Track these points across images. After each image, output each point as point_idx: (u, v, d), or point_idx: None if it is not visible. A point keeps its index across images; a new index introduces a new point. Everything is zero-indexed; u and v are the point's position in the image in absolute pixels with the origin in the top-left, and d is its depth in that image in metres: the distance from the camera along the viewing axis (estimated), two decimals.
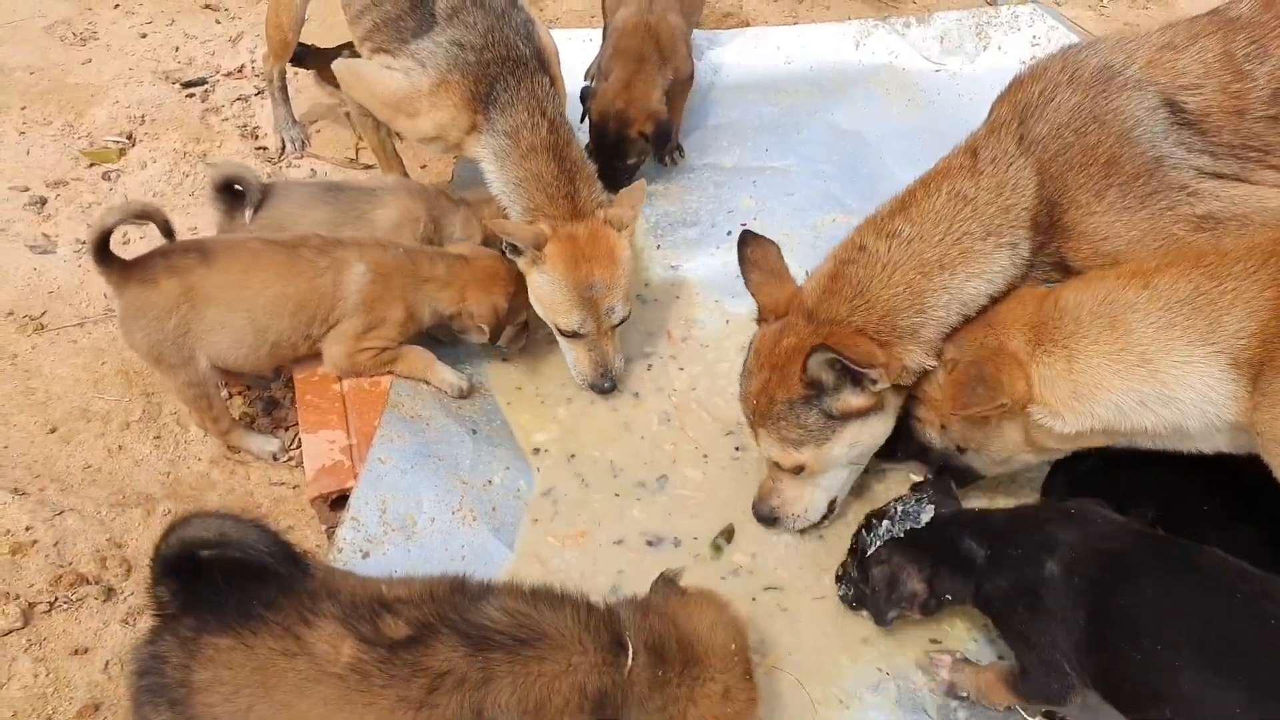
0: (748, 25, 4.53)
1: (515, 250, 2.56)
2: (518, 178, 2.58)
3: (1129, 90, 2.04)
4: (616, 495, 2.58)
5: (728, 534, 2.47)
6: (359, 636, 1.57)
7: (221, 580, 1.63)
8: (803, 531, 2.43)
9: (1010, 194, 2.08)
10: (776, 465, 2.29)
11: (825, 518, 2.41)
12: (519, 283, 2.65)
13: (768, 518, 2.38)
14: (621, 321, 2.66)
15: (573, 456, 2.67)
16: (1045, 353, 1.97)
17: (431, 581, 1.73)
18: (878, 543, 2.10)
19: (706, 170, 3.65)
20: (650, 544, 2.46)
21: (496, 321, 2.60)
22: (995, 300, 2.15)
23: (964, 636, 2.25)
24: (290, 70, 3.92)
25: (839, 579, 2.23)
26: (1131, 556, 1.84)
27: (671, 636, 1.72)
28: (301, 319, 2.47)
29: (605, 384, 2.67)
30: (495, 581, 1.79)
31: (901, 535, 2.08)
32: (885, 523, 2.13)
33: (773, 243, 2.41)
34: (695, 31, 4.14)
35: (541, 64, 2.65)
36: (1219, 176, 2.04)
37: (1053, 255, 2.14)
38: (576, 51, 3.87)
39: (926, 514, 2.09)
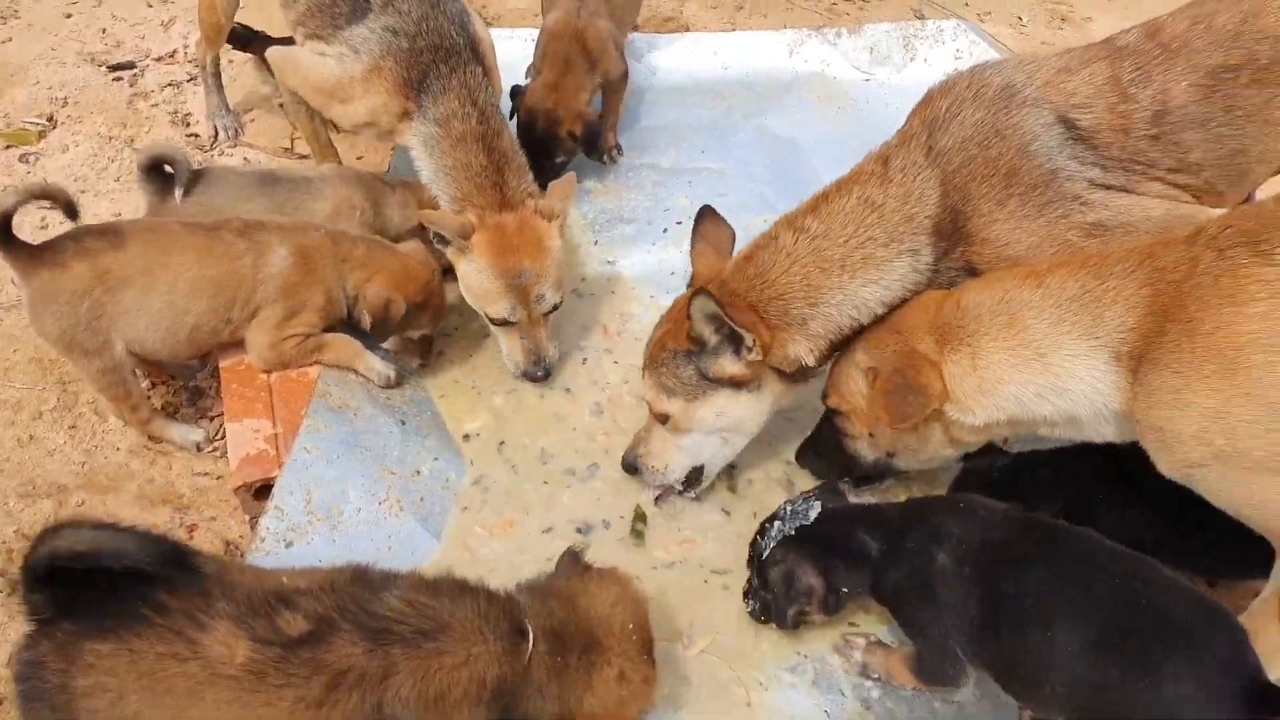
0: (687, 30, 4.55)
1: (442, 240, 2.52)
2: (447, 166, 2.54)
3: (1028, 107, 2.13)
4: (545, 483, 2.56)
5: (640, 516, 2.47)
6: (254, 636, 1.51)
7: (104, 583, 1.54)
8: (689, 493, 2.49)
9: (915, 203, 2.16)
10: (650, 411, 2.38)
11: (689, 488, 2.47)
12: (429, 296, 2.59)
13: (630, 465, 2.47)
14: (553, 309, 2.63)
15: (502, 444, 2.65)
16: (952, 351, 2.03)
17: (333, 572, 1.68)
18: (771, 545, 2.13)
19: (645, 170, 3.66)
20: (580, 531, 2.44)
21: (384, 317, 2.50)
22: (891, 308, 2.22)
23: (878, 620, 2.29)
24: (225, 59, 3.82)
25: (745, 595, 2.25)
26: (1015, 546, 1.91)
27: (570, 620, 1.72)
28: (221, 302, 2.40)
29: (538, 372, 2.64)
30: (398, 571, 1.75)
31: (792, 533, 2.11)
32: (776, 524, 2.16)
33: (729, 227, 2.50)
34: (634, 35, 4.16)
35: (475, 54, 2.62)
36: (1108, 188, 2.15)
37: (959, 260, 2.21)
38: (517, 50, 3.84)
39: (814, 510, 2.12)
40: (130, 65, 4.04)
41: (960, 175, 2.14)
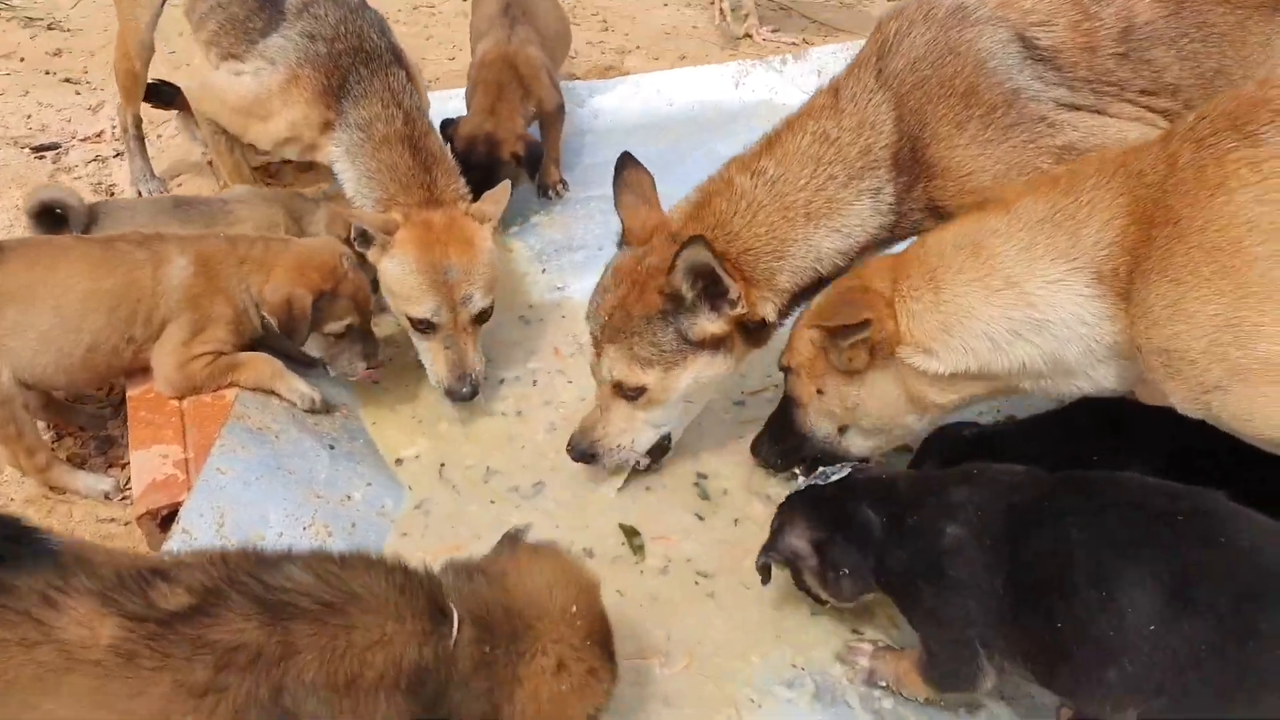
0: None
1: (365, 239, 2.44)
2: (370, 169, 2.51)
3: (982, 25, 2.12)
4: (492, 503, 2.43)
5: (631, 532, 2.34)
6: (122, 612, 1.33)
7: None
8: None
9: (870, 132, 2.12)
10: (618, 387, 2.25)
11: (656, 459, 2.41)
12: (338, 282, 2.42)
13: (586, 453, 2.34)
14: (482, 317, 2.54)
15: (443, 466, 2.52)
16: (912, 288, 1.94)
17: (223, 549, 1.52)
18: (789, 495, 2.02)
19: (592, 201, 3.65)
20: None
21: (289, 315, 2.35)
22: (851, 257, 2.18)
23: (886, 625, 2.13)
24: (154, 132, 3.86)
25: None
26: (1048, 500, 1.73)
27: (499, 603, 1.54)
28: (119, 317, 2.29)
29: (464, 388, 2.51)
30: (299, 550, 1.58)
31: (803, 488, 1.99)
32: (801, 479, 2.07)
33: (649, 172, 2.44)
34: (575, 83, 4.27)
35: (397, 58, 2.64)
36: (1077, 108, 2.11)
37: (920, 198, 2.16)
38: (456, 110, 3.90)
39: (839, 474, 1.97)
40: (54, 146, 4.06)
41: (915, 97, 2.10)
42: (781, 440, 2.30)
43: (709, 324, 2.14)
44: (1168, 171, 1.69)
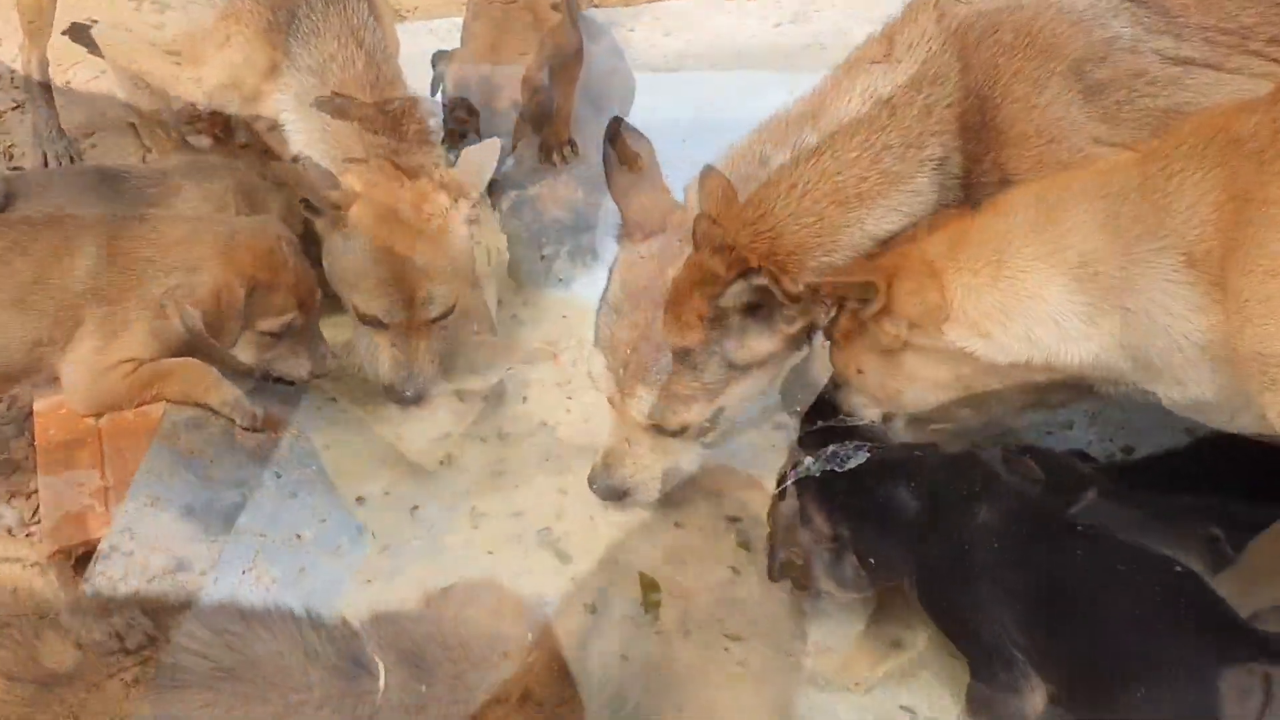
0: None
1: (311, 208, 2.63)
2: (324, 123, 2.70)
3: None
4: (490, 553, 2.61)
5: (651, 586, 2.51)
6: (6, 672, 1.58)
7: None
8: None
9: (931, 87, 2.24)
10: (654, 428, 2.42)
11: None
12: (277, 271, 2.61)
13: (617, 492, 2.51)
14: (442, 317, 2.74)
15: (416, 509, 2.72)
16: (971, 258, 2.08)
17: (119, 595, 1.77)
18: (789, 480, 2.22)
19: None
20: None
21: (217, 310, 2.54)
22: None
23: (949, 705, 2.28)
24: (63, 77, 4.11)
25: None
26: (1091, 505, 2.03)
27: (433, 641, 1.76)
28: (26, 315, 2.52)
29: (407, 390, 2.74)
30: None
31: (816, 474, 2.18)
32: (807, 459, 2.23)
33: (646, 139, 2.56)
34: (592, 11, 4.46)
35: None
36: (1186, 62, 2.19)
37: (992, 170, 2.28)
38: (441, 42, 4.12)
39: (857, 459, 2.16)
40: None
41: (984, 48, 2.21)
42: (821, 417, 2.45)
43: (762, 343, 2.30)
44: (1270, 138, 1.81)
